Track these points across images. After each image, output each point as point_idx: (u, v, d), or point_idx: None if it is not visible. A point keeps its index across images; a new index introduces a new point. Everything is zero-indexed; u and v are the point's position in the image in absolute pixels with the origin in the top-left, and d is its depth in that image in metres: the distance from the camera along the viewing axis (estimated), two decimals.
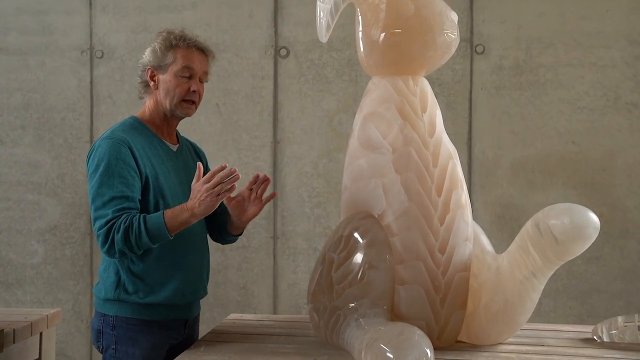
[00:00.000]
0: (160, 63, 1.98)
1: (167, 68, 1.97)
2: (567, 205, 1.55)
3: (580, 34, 3.25)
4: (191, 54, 1.99)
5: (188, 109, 2.01)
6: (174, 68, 1.97)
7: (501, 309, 1.69)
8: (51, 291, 3.53)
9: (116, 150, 1.87)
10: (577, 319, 3.20)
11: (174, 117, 2.02)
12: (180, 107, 1.99)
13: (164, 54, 1.97)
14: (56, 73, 3.53)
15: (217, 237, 2.19)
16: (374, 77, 1.88)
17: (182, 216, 1.82)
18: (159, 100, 2.00)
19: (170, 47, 1.97)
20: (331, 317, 1.70)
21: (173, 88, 1.97)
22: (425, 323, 1.68)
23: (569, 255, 1.56)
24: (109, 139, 1.91)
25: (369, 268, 1.67)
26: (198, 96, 2.01)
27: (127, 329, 1.93)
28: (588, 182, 3.24)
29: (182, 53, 1.97)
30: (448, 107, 3.30)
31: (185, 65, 1.97)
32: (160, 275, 1.94)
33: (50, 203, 3.53)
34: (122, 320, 1.94)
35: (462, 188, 1.77)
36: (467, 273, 1.74)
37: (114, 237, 1.81)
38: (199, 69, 2.00)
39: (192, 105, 2.01)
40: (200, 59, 2.01)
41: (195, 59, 1.99)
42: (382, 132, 1.78)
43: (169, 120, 2.03)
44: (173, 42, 1.97)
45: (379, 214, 1.73)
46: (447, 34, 1.78)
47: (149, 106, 2.03)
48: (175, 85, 1.97)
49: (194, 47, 1.99)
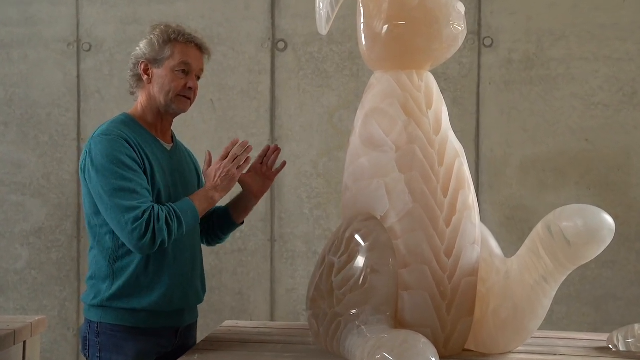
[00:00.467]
0: (156, 57, 2.00)
1: (164, 62, 2.00)
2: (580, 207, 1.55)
3: (594, 25, 3.25)
4: (189, 49, 2.02)
5: (184, 105, 2.03)
6: (171, 63, 1.99)
7: (511, 316, 1.69)
8: (36, 297, 3.53)
9: (118, 144, 1.89)
10: (592, 327, 3.20)
11: (168, 113, 2.04)
12: (177, 101, 2.01)
13: (162, 47, 1.99)
14: (41, 66, 3.52)
15: (214, 235, 2.24)
16: (376, 71, 1.88)
17: (207, 196, 1.95)
18: (152, 95, 2.02)
19: (168, 41, 2.00)
20: (331, 324, 1.70)
21: (169, 83, 1.99)
22: (430, 330, 1.68)
23: (582, 259, 1.55)
24: (105, 135, 1.92)
25: (371, 272, 1.67)
26: (193, 93, 2.04)
27: (111, 335, 1.94)
28: (602, 182, 3.24)
29: (180, 48, 2.00)
30: (454, 103, 3.29)
31: (183, 61, 2.00)
32: (146, 280, 1.94)
33: (35, 204, 3.52)
34: (106, 327, 1.95)
35: (469, 188, 1.77)
36: (474, 278, 1.74)
37: (155, 227, 1.83)
38: (195, 66, 2.03)
39: (187, 101, 2.04)
40: (198, 55, 2.04)
41: (193, 55, 2.02)
42: (385, 129, 1.78)
43: (163, 117, 2.05)
44: (172, 36, 2.00)
45: (381, 215, 1.73)
46: (453, 25, 1.78)
47: (141, 102, 2.04)
48: (171, 80, 1.99)
49: (193, 43, 2.02)
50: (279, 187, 3.40)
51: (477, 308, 1.76)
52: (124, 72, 2.10)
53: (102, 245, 1.95)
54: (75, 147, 3.50)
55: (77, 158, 3.49)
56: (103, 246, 1.95)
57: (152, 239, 1.83)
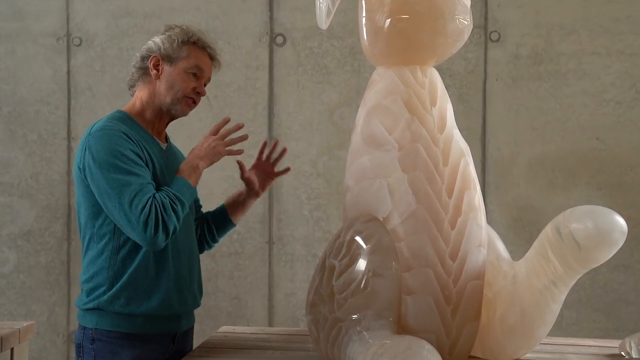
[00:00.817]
0: (172, 54, 2.05)
1: (178, 61, 2.05)
2: (591, 208, 1.56)
3: (606, 19, 3.26)
4: (204, 56, 2.10)
5: (187, 107, 2.08)
6: (185, 64, 2.05)
7: (518, 321, 1.70)
8: (24, 302, 3.54)
9: (120, 138, 1.91)
10: (603, 333, 3.20)
11: (169, 112, 2.07)
12: (182, 102, 2.06)
13: (180, 46, 2.05)
14: (29, 62, 3.53)
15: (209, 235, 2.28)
16: (378, 67, 1.89)
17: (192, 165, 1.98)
18: (157, 92, 2.05)
19: (187, 42, 2.07)
20: (332, 330, 1.71)
21: (179, 83, 2.04)
22: (435, 336, 1.69)
23: (593, 263, 1.56)
24: (104, 130, 1.93)
25: (373, 276, 1.67)
26: (199, 98, 2.10)
27: (106, 342, 1.95)
28: (614, 182, 3.25)
29: (197, 53, 2.08)
30: (460, 100, 3.30)
31: (197, 65, 2.07)
32: (145, 283, 1.95)
33: (23, 205, 3.53)
34: (101, 333, 1.96)
35: (475, 189, 1.78)
36: (480, 282, 1.75)
37: (164, 218, 1.86)
38: (207, 73, 2.11)
39: (192, 104, 2.09)
40: (209, 65, 2.12)
41: (207, 63, 2.10)
42: (387, 127, 1.79)
43: (162, 116, 2.08)
44: (192, 38, 2.07)
45: (384, 216, 1.74)
46: (459, 19, 1.78)
47: (141, 97, 2.07)
48: (182, 80, 2.04)
49: (207, 51, 2.10)
50: (277, 187, 3.41)
51: (484, 313, 1.76)
52: (116, 67, 2.12)
53: (100, 247, 1.96)
54: (65, 146, 3.51)
55: (67, 157, 3.50)
56: (101, 248, 1.96)
57: (165, 232, 1.87)
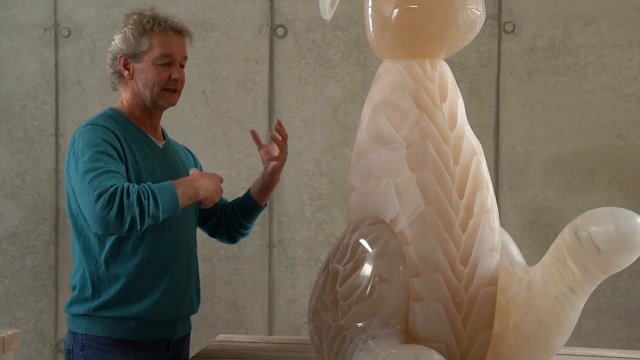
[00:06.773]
0: (134, 51, 2.03)
1: (143, 56, 2.03)
2: (612, 210, 1.56)
3: (628, 8, 3.25)
4: (168, 38, 2.04)
5: (171, 98, 2.07)
6: (151, 56, 2.02)
7: (534, 331, 1.70)
8: (8, 309, 3.54)
9: (102, 132, 1.93)
10: (625, 343, 3.20)
11: (156, 108, 2.08)
12: (163, 96, 2.05)
13: (138, 40, 2.02)
14: (14, 54, 3.54)
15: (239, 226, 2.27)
16: (385, 60, 1.89)
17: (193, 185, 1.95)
18: (136, 91, 2.06)
19: (144, 33, 2.02)
20: (335, 339, 1.71)
21: (152, 77, 2.03)
22: (444, 346, 1.69)
23: (613, 268, 1.56)
24: (91, 125, 1.96)
25: (379, 282, 1.67)
26: (180, 83, 2.08)
27: (97, 348, 1.96)
28: (636, 183, 3.25)
29: (159, 39, 2.03)
30: (472, 95, 3.30)
31: (164, 53, 2.03)
32: (140, 287, 1.97)
33: (7, 206, 3.54)
34: (92, 338, 1.97)
35: (487, 189, 1.78)
36: (493, 288, 1.75)
37: (123, 201, 1.79)
38: (178, 55, 2.06)
39: (174, 94, 2.07)
40: (179, 42, 2.07)
41: (174, 43, 2.05)
42: (394, 124, 1.79)
43: (151, 112, 2.09)
44: (147, 26, 2.02)
45: (391, 218, 1.74)
46: (470, 10, 1.78)
47: (126, 97, 2.09)
48: (154, 74, 2.03)
49: (170, 29, 2.05)
50: (278, 187, 3.40)
51: (497, 321, 1.76)
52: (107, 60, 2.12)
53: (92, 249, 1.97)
54: (52, 143, 3.52)
55: (55, 155, 3.51)
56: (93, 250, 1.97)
57: (119, 215, 1.79)
